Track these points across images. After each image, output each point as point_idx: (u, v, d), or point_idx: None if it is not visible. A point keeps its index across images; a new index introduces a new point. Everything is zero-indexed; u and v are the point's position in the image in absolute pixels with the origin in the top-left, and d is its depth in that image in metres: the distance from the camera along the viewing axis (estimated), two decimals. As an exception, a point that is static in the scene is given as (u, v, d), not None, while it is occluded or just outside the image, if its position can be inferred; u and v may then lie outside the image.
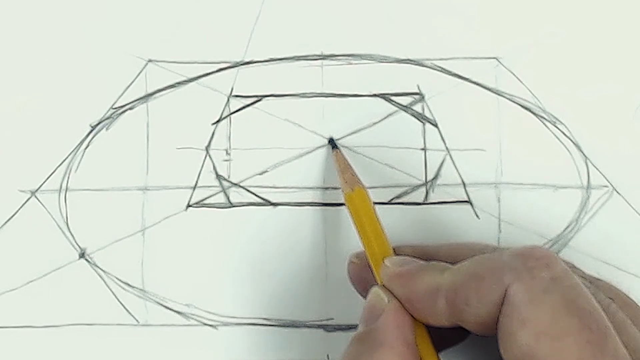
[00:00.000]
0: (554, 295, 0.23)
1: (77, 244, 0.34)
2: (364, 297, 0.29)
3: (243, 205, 0.34)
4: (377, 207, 0.33)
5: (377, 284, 0.28)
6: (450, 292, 0.25)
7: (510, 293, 0.24)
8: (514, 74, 0.34)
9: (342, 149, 0.34)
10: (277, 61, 0.34)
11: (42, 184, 0.34)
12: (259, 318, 0.33)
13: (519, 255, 0.25)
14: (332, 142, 0.34)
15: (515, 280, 0.24)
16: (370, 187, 0.34)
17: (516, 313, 0.23)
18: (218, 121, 0.34)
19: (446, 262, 0.27)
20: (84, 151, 0.34)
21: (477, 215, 0.33)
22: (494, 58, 0.34)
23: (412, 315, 0.26)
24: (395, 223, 0.33)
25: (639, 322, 0.27)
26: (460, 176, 0.34)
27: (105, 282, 0.33)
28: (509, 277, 0.24)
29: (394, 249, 0.29)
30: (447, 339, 0.28)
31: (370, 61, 0.34)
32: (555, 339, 0.23)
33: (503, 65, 0.34)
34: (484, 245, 0.30)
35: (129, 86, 0.34)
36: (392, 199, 0.34)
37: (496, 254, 0.26)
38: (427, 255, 0.28)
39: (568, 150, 0.34)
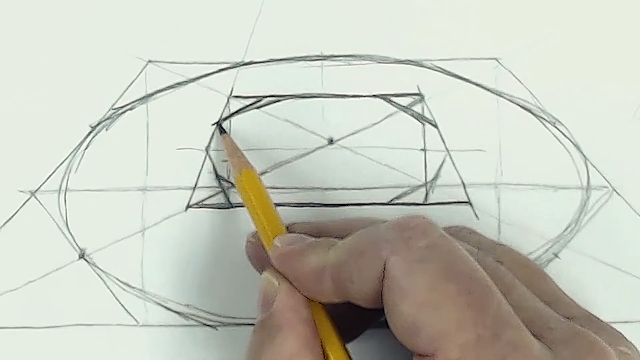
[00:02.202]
0: (431, 264, 0.23)
1: (77, 245, 0.34)
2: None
3: (243, 206, 0.34)
4: (376, 207, 0.34)
5: (267, 269, 0.28)
6: (335, 270, 0.25)
7: (389, 266, 0.23)
8: (513, 75, 0.34)
9: (231, 134, 0.34)
10: (277, 62, 0.34)
11: (42, 185, 0.34)
12: (259, 318, 0.33)
13: (395, 227, 0.24)
14: (220, 127, 0.34)
15: (392, 252, 0.24)
16: (370, 188, 0.34)
17: (396, 285, 0.23)
18: (218, 122, 0.34)
19: (337, 238, 0.26)
20: (84, 151, 0.34)
21: (476, 216, 0.33)
22: (494, 59, 0.34)
23: (305, 295, 0.26)
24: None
25: (533, 282, 0.27)
26: (460, 177, 0.34)
27: (105, 283, 0.33)
28: (386, 250, 0.24)
29: (287, 227, 0.29)
30: (361, 320, 0.29)
31: (370, 62, 0.34)
32: (435, 307, 0.23)
33: (503, 66, 0.34)
34: (373, 219, 0.30)
35: (128, 87, 0.34)
36: (391, 200, 0.34)
37: (374, 227, 0.25)
38: (320, 232, 0.28)
39: (568, 151, 0.34)
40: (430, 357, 0.23)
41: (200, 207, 0.34)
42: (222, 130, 0.34)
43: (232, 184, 0.34)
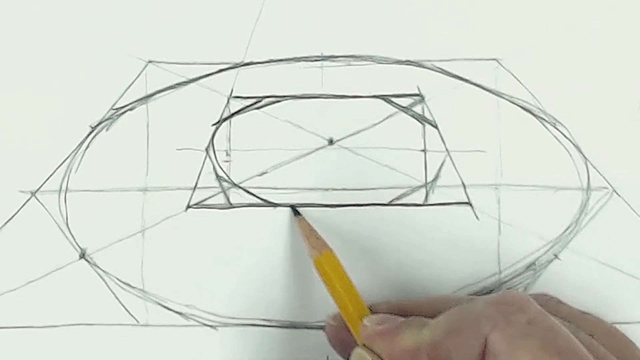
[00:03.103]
0: (532, 339, 0.24)
1: (78, 245, 0.34)
2: (345, 358, 0.29)
3: (243, 206, 0.34)
4: (377, 208, 0.34)
5: (357, 344, 0.28)
6: (432, 349, 0.25)
7: (490, 343, 0.24)
8: (514, 76, 0.34)
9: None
10: (277, 62, 0.34)
11: (42, 185, 0.34)
12: (259, 319, 0.33)
13: (493, 303, 0.25)
14: (294, 210, 0.34)
15: (492, 329, 0.24)
16: (370, 188, 0.34)
17: None
18: (218, 122, 0.34)
19: (423, 316, 0.27)
20: (84, 152, 0.34)
21: (477, 217, 0.33)
22: (494, 59, 0.34)
23: None
24: (395, 225, 0.33)
25: (622, 352, 0.27)
26: (460, 177, 0.34)
27: (105, 283, 0.34)
28: (486, 327, 0.24)
29: (369, 308, 0.29)
30: None
31: (370, 62, 0.34)
32: None
33: (503, 67, 0.34)
34: (458, 297, 0.30)
35: (129, 87, 0.34)
36: (392, 201, 0.34)
37: (470, 305, 0.26)
38: (402, 311, 0.29)
39: (568, 152, 0.34)
40: None
41: (200, 208, 0.34)
42: (297, 212, 0.34)
43: (232, 184, 0.34)
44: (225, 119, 0.34)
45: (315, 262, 0.31)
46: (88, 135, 0.34)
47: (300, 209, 0.34)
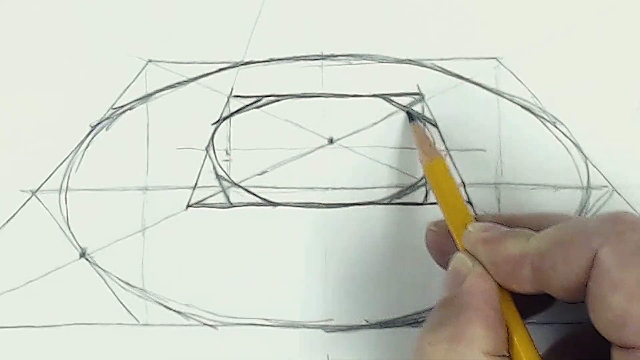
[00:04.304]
0: None
1: (78, 244, 0.34)
2: (441, 265, 0.29)
3: (243, 206, 0.34)
4: (376, 207, 0.34)
5: (459, 250, 0.28)
6: (537, 258, 0.25)
7: (600, 257, 0.23)
8: (514, 75, 0.34)
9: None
10: (277, 61, 0.34)
11: (43, 184, 0.34)
12: (259, 318, 0.33)
13: (607, 220, 0.24)
14: (410, 114, 0.34)
15: (604, 243, 0.23)
16: (370, 187, 0.34)
17: (607, 277, 0.23)
18: (218, 121, 0.34)
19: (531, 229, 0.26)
20: (84, 151, 0.34)
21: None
22: (494, 58, 0.34)
23: (497, 282, 0.26)
24: (395, 223, 0.33)
25: None
26: (460, 176, 0.34)
27: (105, 282, 0.34)
28: (597, 241, 0.23)
29: (475, 218, 0.29)
30: (530, 308, 0.28)
31: (370, 61, 0.34)
32: None
33: (503, 66, 0.34)
34: (565, 214, 0.30)
35: (128, 86, 0.34)
36: (391, 199, 0.34)
37: (582, 219, 0.26)
38: (508, 223, 0.28)
39: (568, 151, 0.34)
40: (635, 349, 0.22)
41: (200, 207, 0.34)
42: (412, 118, 0.33)
43: (232, 183, 0.34)
44: (225, 118, 0.34)
45: (425, 168, 0.31)
46: (88, 134, 0.34)
47: (300, 209, 0.34)
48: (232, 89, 0.34)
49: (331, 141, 0.34)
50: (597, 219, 0.25)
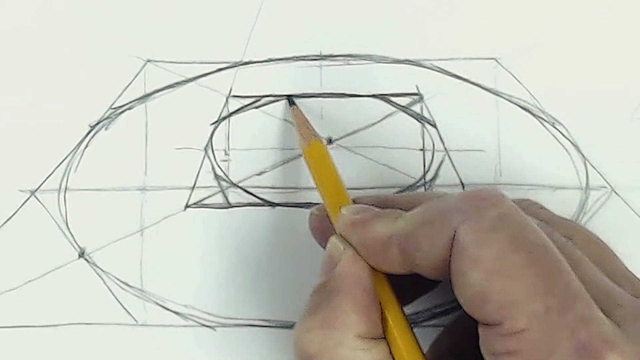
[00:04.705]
0: (502, 233, 0.23)
1: (77, 244, 0.34)
2: (324, 248, 0.28)
3: (242, 206, 0.34)
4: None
5: (334, 234, 0.28)
6: (402, 239, 0.25)
7: (459, 234, 0.23)
8: (512, 75, 0.34)
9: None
10: (276, 61, 0.34)
11: (42, 184, 0.34)
12: (258, 319, 0.33)
13: (466, 197, 0.24)
14: (289, 99, 0.34)
15: (463, 221, 0.23)
16: (369, 188, 0.34)
17: (466, 253, 0.23)
18: (217, 121, 0.34)
19: (403, 210, 0.26)
20: (83, 151, 0.34)
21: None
22: (493, 59, 0.34)
23: (369, 264, 0.26)
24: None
25: (602, 260, 0.27)
26: (459, 177, 0.34)
27: (104, 282, 0.34)
28: (457, 219, 0.24)
29: (353, 200, 0.29)
30: (414, 290, 0.29)
31: (368, 61, 0.34)
32: (505, 276, 0.22)
33: (502, 66, 0.34)
34: (442, 193, 0.30)
35: (127, 86, 0.34)
36: (390, 200, 0.34)
37: (445, 198, 0.25)
38: (386, 204, 0.28)
39: (567, 151, 0.34)
40: (497, 326, 0.22)
41: (199, 207, 0.34)
42: (292, 102, 0.34)
43: (231, 183, 0.34)
44: (224, 118, 0.34)
45: (304, 152, 0.31)
46: (87, 134, 0.34)
47: (299, 209, 0.34)
48: (231, 89, 0.34)
49: (330, 141, 0.34)
50: (459, 196, 0.25)
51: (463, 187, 0.34)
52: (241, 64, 0.34)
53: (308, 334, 0.25)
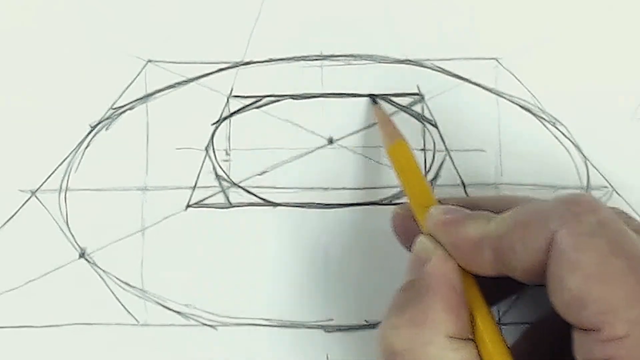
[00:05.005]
0: (601, 239, 0.23)
1: (77, 244, 0.34)
2: (406, 248, 0.28)
3: (243, 206, 0.34)
4: (376, 207, 0.34)
5: (422, 233, 0.28)
6: (497, 240, 0.25)
7: (557, 238, 0.23)
8: (513, 75, 0.34)
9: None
10: (277, 61, 0.34)
11: (42, 184, 0.34)
12: (259, 318, 0.33)
13: (565, 202, 0.24)
14: (372, 97, 0.34)
15: (561, 225, 0.23)
16: (370, 188, 0.34)
17: (564, 258, 0.23)
18: (218, 122, 0.34)
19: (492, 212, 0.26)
20: (84, 151, 0.34)
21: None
22: (494, 59, 0.34)
23: (458, 265, 0.26)
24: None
25: None
26: (460, 177, 0.34)
27: (105, 282, 0.34)
28: (555, 223, 0.23)
29: (439, 200, 0.29)
30: (499, 292, 0.28)
31: (369, 61, 0.34)
32: (604, 281, 0.22)
33: (502, 66, 0.34)
34: (528, 197, 0.30)
35: (128, 86, 0.34)
36: (391, 199, 0.34)
37: (541, 202, 0.25)
38: (471, 206, 0.28)
39: (568, 151, 0.34)
40: (595, 331, 0.22)
41: (200, 207, 0.34)
42: (374, 101, 0.34)
43: (232, 183, 0.34)
44: (225, 118, 0.34)
45: (388, 150, 0.31)
46: (88, 134, 0.34)
47: (300, 209, 0.34)
48: (231, 89, 0.34)
49: (331, 141, 0.34)
50: (555, 201, 0.25)
51: (464, 187, 0.34)
52: (242, 64, 0.34)
53: (395, 331, 0.25)
